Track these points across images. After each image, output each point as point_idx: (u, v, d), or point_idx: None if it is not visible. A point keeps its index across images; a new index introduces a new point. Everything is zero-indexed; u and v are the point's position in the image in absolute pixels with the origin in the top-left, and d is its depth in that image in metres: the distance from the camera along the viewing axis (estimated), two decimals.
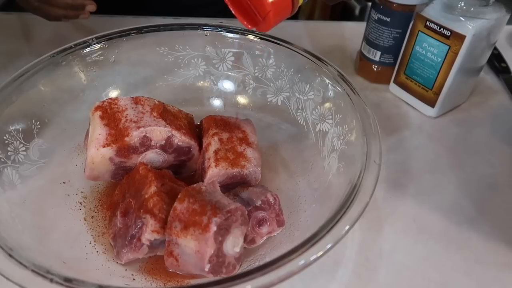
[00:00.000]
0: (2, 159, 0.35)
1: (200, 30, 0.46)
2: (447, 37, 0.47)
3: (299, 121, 0.45)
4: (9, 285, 0.25)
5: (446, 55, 0.48)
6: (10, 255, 0.25)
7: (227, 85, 0.49)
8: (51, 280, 0.24)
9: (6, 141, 0.36)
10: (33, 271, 0.25)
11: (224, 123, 0.41)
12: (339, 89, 0.40)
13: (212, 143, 0.39)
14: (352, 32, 0.68)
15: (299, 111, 0.45)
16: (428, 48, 0.50)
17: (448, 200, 0.44)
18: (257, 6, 0.30)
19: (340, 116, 0.40)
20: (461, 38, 0.46)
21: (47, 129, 0.40)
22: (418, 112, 0.54)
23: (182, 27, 0.46)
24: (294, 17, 0.72)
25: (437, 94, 0.51)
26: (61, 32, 0.61)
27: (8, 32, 0.62)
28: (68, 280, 0.24)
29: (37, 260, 0.26)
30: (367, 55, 0.57)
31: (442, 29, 0.47)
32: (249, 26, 0.32)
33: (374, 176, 0.31)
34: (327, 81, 0.41)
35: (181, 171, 0.42)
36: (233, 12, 0.32)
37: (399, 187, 0.45)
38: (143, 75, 0.48)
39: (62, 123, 0.42)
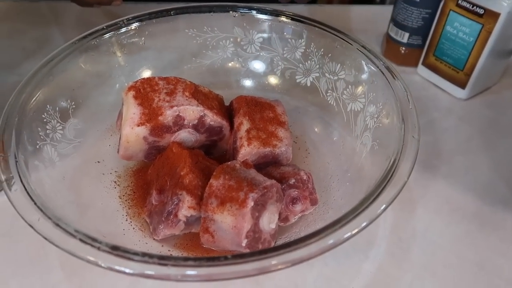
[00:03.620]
0: (42, 137, 0.35)
1: (231, 11, 0.46)
2: (480, 16, 0.46)
3: (329, 102, 0.45)
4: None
5: (478, 34, 0.47)
6: (58, 225, 0.26)
7: (255, 67, 0.49)
8: (99, 249, 0.25)
9: (45, 120, 0.36)
10: (81, 240, 0.25)
11: (255, 103, 0.41)
12: (371, 67, 0.40)
13: (244, 123, 0.39)
14: (376, 15, 0.67)
15: (329, 91, 0.44)
16: (460, 28, 0.49)
17: (481, 181, 0.43)
18: None
19: (374, 94, 0.39)
20: (495, 16, 0.45)
21: (81, 110, 0.41)
22: (447, 94, 0.53)
23: (211, 8, 0.46)
24: (313, 1, 0.71)
25: (468, 75, 0.50)
26: (86, 18, 0.62)
27: (36, 20, 0.63)
28: (115, 248, 0.25)
29: (82, 231, 0.27)
30: (394, 37, 0.56)
31: (475, 7, 0.46)
32: None
33: (413, 151, 0.31)
34: (359, 59, 0.41)
35: (212, 152, 0.43)
36: None
37: (431, 169, 0.44)
38: (171, 57, 0.48)
39: (94, 104, 0.43)
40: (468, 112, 0.51)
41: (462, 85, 0.51)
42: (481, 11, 0.46)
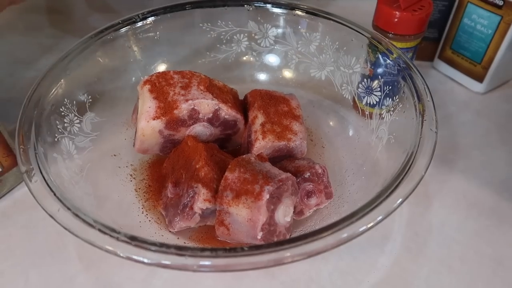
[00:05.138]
0: (60, 130, 0.36)
1: (246, 5, 0.46)
2: (500, 7, 0.45)
3: (344, 95, 0.44)
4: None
5: (497, 26, 0.46)
6: (77, 215, 0.27)
7: (269, 61, 0.49)
8: (117, 239, 0.25)
9: (63, 113, 0.37)
10: (100, 230, 0.26)
11: (269, 97, 0.41)
12: (388, 60, 0.39)
13: (259, 116, 0.39)
14: None
15: (344, 85, 0.44)
16: (478, 20, 0.48)
17: (499, 176, 0.43)
18: None
19: (390, 87, 0.39)
20: None
21: (97, 104, 0.41)
22: (464, 88, 0.53)
23: (225, 2, 0.46)
24: None
25: (486, 68, 0.49)
26: (100, 14, 0.62)
27: (52, 16, 0.64)
28: (133, 238, 0.25)
29: (100, 221, 0.27)
30: None
31: None
32: None
33: (431, 145, 0.31)
34: (375, 52, 0.40)
35: (226, 145, 0.43)
36: None
37: (447, 163, 0.44)
38: (186, 52, 0.48)
39: (110, 98, 0.43)
40: (486, 106, 0.50)
41: (479, 78, 0.51)
42: (500, 3, 0.45)
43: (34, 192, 0.28)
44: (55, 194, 0.28)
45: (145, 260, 0.25)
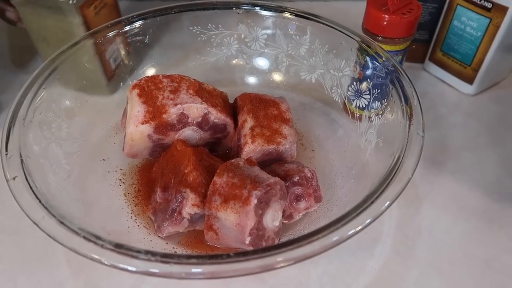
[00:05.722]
0: (47, 135, 0.36)
1: (235, 8, 0.45)
2: (488, 10, 0.45)
3: (334, 98, 0.44)
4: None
5: (486, 29, 0.46)
6: (62, 223, 0.26)
7: (260, 64, 0.49)
8: (102, 246, 0.25)
9: (50, 118, 0.37)
10: (84, 237, 0.26)
11: (259, 100, 0.41)
12: (376, 63, 0.39)
13: (248, 120, 0.39)
14: None
15: (334, 88, 0.44)
16: (467, 22, 0.48)
17: (489, 177, 0.43)
18: None
19: (378, 90, 0.39)
20: (504, 10, 0.44)
21: (86, 108, 0.41)
22: (455, 90, 0.53)
23: (214, 5, 0.46)
24: None
25: (476, 70, 0.49)
26: None
27: None
28: (118, 246, 0.25)
29: (85, 229, 0.27)
30: None
31: (483, 1, 0.45)
32: None
33: (418, 148, 0.31)
34: (364, 55, 0.40)
35: (216, 149, 0.43)
36: None
37: (437, 165, 0.44)
38: (176, 55, 0.48)
39: (99, 102, 0.43)
40: (476, 108, 0.51)
41: (469, 80, 0.51)
42: (489, 5, 0.45)
43: (19, 200, 0.28)
44: (40, 201, 0.28)
45: (130, 268, 0.25)
